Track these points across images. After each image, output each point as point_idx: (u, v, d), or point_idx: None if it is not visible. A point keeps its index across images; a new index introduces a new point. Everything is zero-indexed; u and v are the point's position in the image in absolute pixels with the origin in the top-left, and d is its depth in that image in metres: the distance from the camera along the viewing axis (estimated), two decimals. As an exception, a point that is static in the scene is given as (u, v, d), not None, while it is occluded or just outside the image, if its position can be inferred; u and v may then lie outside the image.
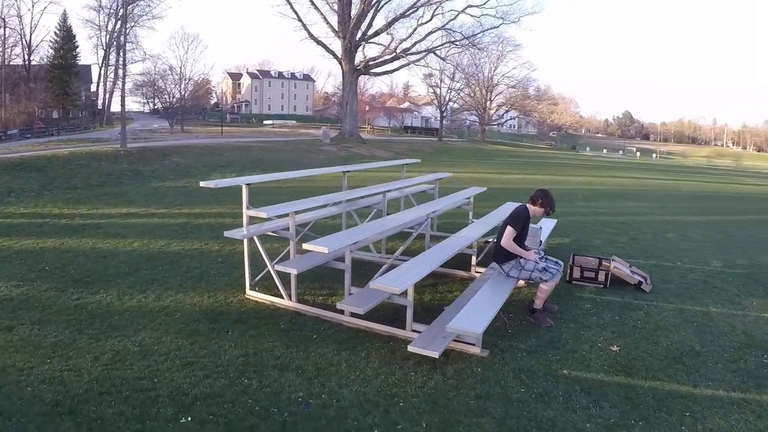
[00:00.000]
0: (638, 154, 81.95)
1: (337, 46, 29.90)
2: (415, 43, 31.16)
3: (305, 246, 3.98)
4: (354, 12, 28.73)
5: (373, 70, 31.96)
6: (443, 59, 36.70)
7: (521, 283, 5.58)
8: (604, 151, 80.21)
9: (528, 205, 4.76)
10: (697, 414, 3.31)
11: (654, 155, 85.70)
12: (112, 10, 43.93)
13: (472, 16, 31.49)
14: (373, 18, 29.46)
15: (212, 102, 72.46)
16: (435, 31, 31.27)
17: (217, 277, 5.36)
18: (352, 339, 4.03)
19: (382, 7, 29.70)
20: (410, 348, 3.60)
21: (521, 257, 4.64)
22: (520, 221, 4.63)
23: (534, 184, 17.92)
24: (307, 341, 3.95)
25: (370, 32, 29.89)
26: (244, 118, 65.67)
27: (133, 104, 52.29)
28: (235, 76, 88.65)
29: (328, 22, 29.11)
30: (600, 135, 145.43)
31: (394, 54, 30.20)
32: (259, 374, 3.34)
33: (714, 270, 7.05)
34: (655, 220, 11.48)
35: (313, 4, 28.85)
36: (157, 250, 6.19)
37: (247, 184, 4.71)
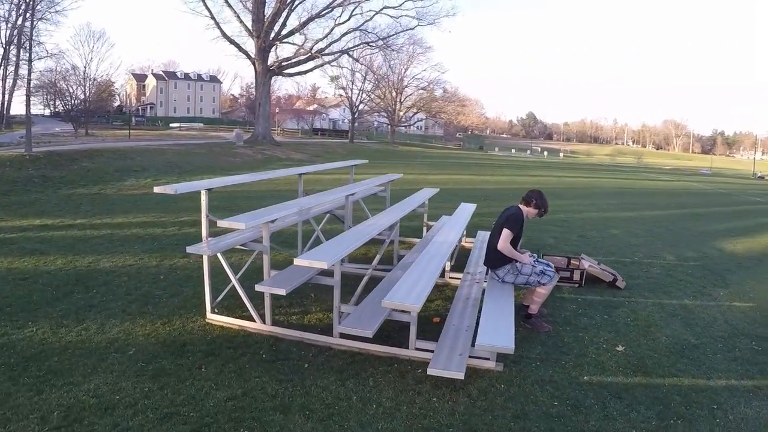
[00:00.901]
0: (545, 153, 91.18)
1: (250, 45, 30.73)
2: (330, 44, 32.68)
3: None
4: (269, 11, 29.67)
5: (287, 71, 32.96)
6: (357, 60, 38.95)
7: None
8: (513, 151, 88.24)
9: (521, 206, 4.84)
10: (724, 405, 3.57)
11: (561, 154, 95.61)
12: (13, 4, 38.74)
13: (390, 17, 33.38)
14: (287, 17, 30.42)
15: (116, 104, 73.47)
16: (350, 32, 32.96)
17: (164, 299, 4.94)
18: (350, 365, 3.73)
19: (296, 6, 30.91)
20: (430, 371, 3.42)
21: (517, 261, 4.69)
22: (518, 224, 4.69)
23: (469, 185, 18.88)
24: (300, 373, 3.57)
25: (284, 32, 30.88)
26: (150, 120, 67.04)
27: (32, 107, 47.15)
28: (140, 78, 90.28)
29: (241, 21, 29.81)
30: (505, 135, 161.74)
31: (309, 54, 31.55)
32: (259, 421, 2.90)
33: (671, 263, 7.83)
34: (593, 218, 12.51)
35: (226, 1, 29.35)
36: (86, 269, 5.72)
37: (207, 190, 4.25)
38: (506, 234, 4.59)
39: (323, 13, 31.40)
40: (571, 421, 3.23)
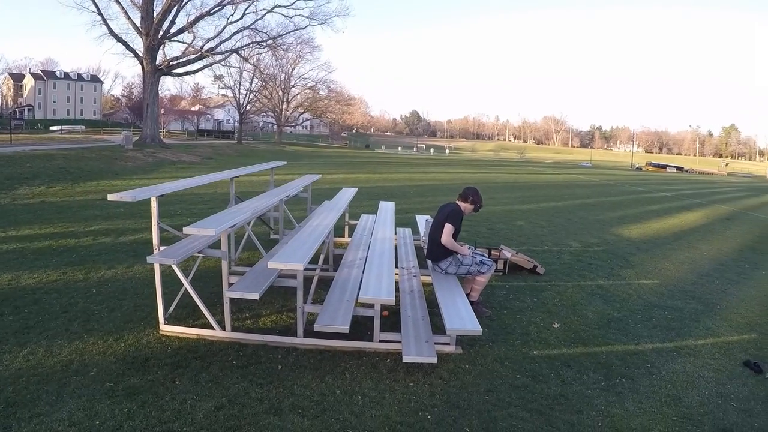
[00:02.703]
0: (432, 150, 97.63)
1: (139, 44, 31.74)
2: (220, 43, 34.62)
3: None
4: (158, 8, 30.84)
5: (176, 71, 34.16)
6: (246, 60, 41.38)
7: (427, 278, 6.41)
8: (400, 149, 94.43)
9: (458, 203, 5.50)
10: (655, 363, 4.54)
11: (447, 151, 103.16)
12: None
13: (284, 16, 36.57)
14: (176, 15, 31.75)
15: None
16: (241, 31, 35.27)
17: (105, 314, 4.93)
18: (322, 362, 4.04)
19: (186, 3, 32.35)
20: (406, 359, 3.86)
21: (458, 254, 5.33)
22: (458, 219, 5.36)
23: (371, 183, 19.64)
24: (276, 374, 3.80)
25: (173, 30, 32.06)
26: (29, 123, 67.72)
27: None
28: (17, 77, 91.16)
29: (129, 18, 30.68)
30: (389, 133, 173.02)
31: (199, 53, 33.06)
32: (256, 426, 3.08)
33: (578, 250, 9.16)
34: (497, 211, 13.91)
35: (114, -3, 30.16)
36: (8, 287, 5.56)
37: (159, 196, 4.32)
38: (449, 228, 5.21)
39: (213, 11, 33.10)
40: (535, 389, 3.89)
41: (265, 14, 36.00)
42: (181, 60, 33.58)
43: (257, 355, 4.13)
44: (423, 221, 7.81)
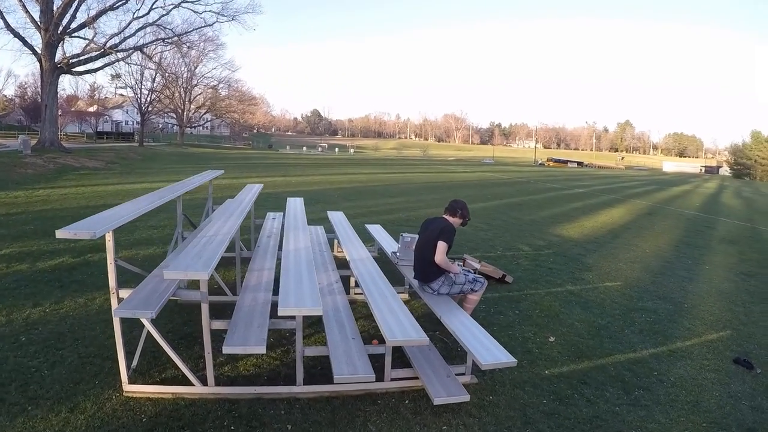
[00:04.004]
0: (337, 150, 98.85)
1: (37, 39, 30.84)
2: (123, 39, 34.27)
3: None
4: (59, 1, 30.02)
5: (76, 69, 33.39)
6: (150, 58, 41.26)
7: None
8: (304, 148, 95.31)
9: (446, 217, 5.49)
10: (660, 370, 4.85)
11: (351, 150, 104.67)
12: None
13: (194, 11, 37.86)
14: (77, 9, 30.91)
15: None
16: (146, 27, 35.03)
17: (46, 371, 4.15)
18: (334, 413, 3.77)
19: None
20: (437, 401, 3.76)
21: (450, 272, 5.32)
22: (452, 235, 5.31)
23: (292, 187, 19.18)
24: (289, 438, 3.51)
25: (74, 25, 31.28)
26: None
27: None
28: None
29: (27, 11, 29.67)
30: (290, 133, 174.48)
31: (102, 50, 32.67)
32: None
33: (531, 254, 9.57)
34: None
35: (11, -12, 29.78)
36: None
37: (114, 230, 3.76)
38: (443, 247, 5.17)
39: (117, 5, 32.58)
40: (567, 413, 3.97)
41: (172, 9, 35.57)
42: (82, 57, 32.65)
43: (255, 413, 3.73)
44: (378, 231, 7.77)
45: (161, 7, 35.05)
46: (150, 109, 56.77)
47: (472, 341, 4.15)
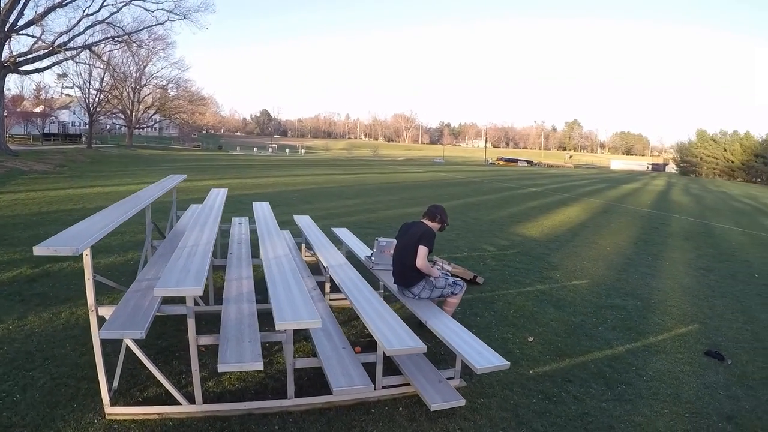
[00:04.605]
0: (287, 150, 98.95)
1: None
2: (72, 38, 33.92)
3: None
4: None
5: (24, 68, 33.01)
6: (99, 57, 40.96)
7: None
8: (255, 149, 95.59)
9: (425, 222, 5.57)
10: (638, 364, 5.09)
11: (302, 151, 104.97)
12: None
13: (146, 9, 36.51)
14: (25, 5, 30.47)
15: None
16: (96, 24, 34.81)
17: (18, 395, 3.91)
18: (328, 424, 3.75)
19: None
20: (434, 407, 3.80)
21: (430, 276, 5.41)
22: (433, 239, 5.39)
23: (248, 189, 18.89)
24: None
25: (21, 22, 30.94)
26: None
27: None
28: None
29: None
30: (239, 134, 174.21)
31: (50, 49, 32.29)
32: None
33: (497, 254, 9.80)
34: (391, 216, 14.30)
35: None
36: None
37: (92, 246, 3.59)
38: (424, 251, 5.25)
39: (66, 2, 32.12)
40: (558, 412, 4.11)
41: (123, 6, 35.31)
42: (29, 56, 32.13)
43: (248, 430, 3.62)
44: (346, 235, 7.77)
45: (112, 5, 34.72)
46: (98, 110, 55.86)
47: (463, 346, 4.22)
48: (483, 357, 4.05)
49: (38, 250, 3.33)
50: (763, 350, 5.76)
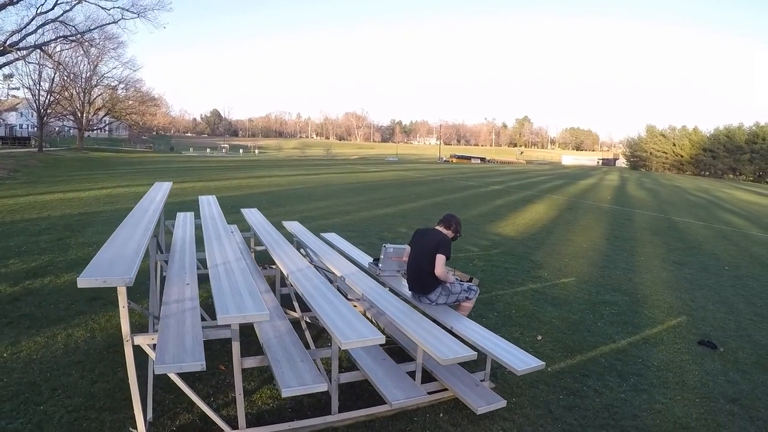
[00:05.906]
0: (241, 151, 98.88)
1: None
2: (24, 37, 33.79)
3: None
4: None
5: None
6: (50, 56, 40.61)
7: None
8: (208, 150, 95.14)
9: (440, 229, 5.84)
10: (643, 357, 5.52)
11: (256, 151, 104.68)
12: None
13: (101, 7, 36.42)
14: None
15: None
16: (47, 23, 34.69)
17: (50, 422, 3.73)
18: None
19: None
20: (480, 410, 4.05)
21: (446, 283, 5.70)
22: (450, 247, 5.66)
23: (214, 193, 18.57)
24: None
25: None
26: None
27: None
28: None
29: None
30: (189, 134, 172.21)
31: (2, 48, 32.44)
32: None
33: (482, 254, 10.21)
34: (367, 217, 14.52)
35: None
36: None
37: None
38: (442, 259, 5.52)
39: (17, 0, 32.07)
40: (586, 405, 4.47)
41: (76, 4, 35.32)
42: None
43: None
44: (339, 241, 7.96)
45: (66, 2, 34.14)
46: (49, 111, 54.35)
47: (496, 350, 4.50)
48: (520, 359, 4.33)
49: (84, 282, 3.16)
50: (748, 338, 6.34)
